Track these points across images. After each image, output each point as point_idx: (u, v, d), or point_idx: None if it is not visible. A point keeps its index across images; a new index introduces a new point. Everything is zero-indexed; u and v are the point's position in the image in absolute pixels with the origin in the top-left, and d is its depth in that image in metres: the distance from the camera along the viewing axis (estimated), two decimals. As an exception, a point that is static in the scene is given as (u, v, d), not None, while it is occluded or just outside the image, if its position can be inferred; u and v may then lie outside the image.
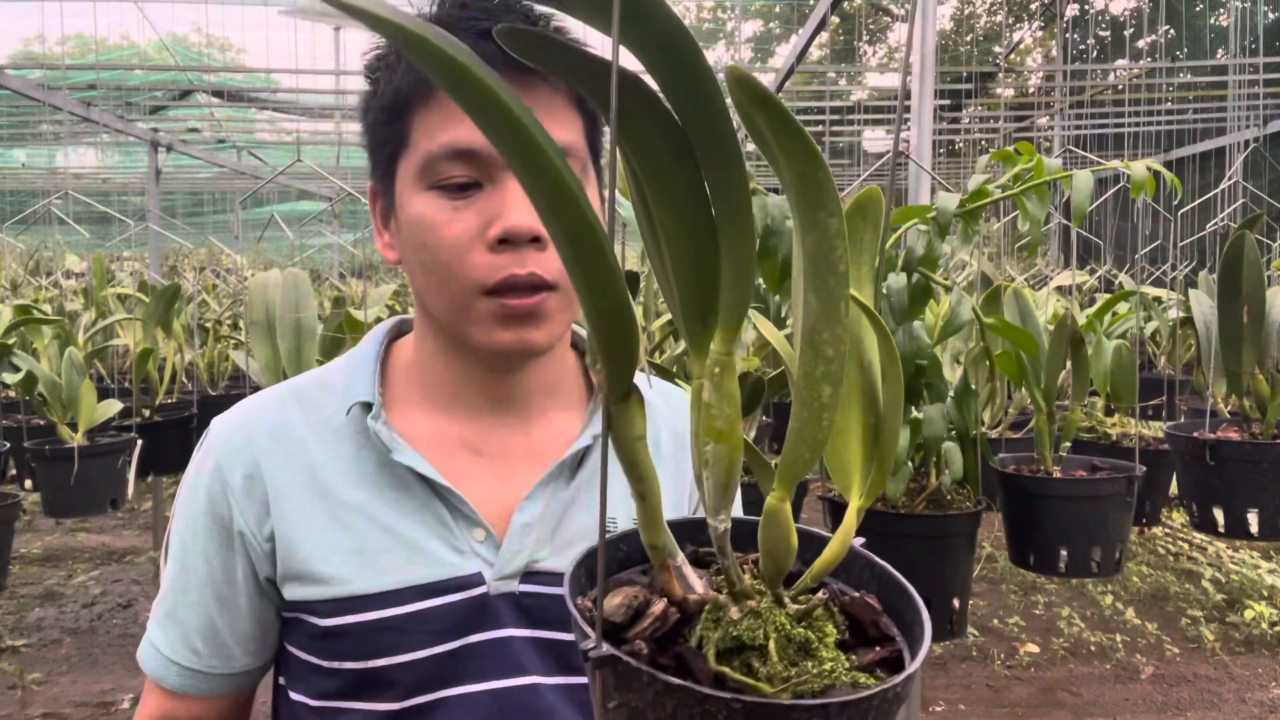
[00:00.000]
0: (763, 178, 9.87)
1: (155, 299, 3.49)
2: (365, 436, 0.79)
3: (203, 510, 0.80)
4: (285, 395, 0.84)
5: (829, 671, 0.42)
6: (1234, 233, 1.89)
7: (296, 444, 0.80)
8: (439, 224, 0.73)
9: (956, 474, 1.57)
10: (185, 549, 0.81)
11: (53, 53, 6.37)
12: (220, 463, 0.80)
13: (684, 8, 15.22)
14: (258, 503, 0.79)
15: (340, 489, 0.78)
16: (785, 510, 0.45)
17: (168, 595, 0.82)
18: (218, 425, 0.83)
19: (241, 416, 0.83)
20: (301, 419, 0.82)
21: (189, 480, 0.82)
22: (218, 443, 0.81)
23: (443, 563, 0.77)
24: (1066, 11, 10.27)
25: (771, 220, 1.42)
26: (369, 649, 0.76)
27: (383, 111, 0.76)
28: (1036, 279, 5.36)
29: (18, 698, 3.38)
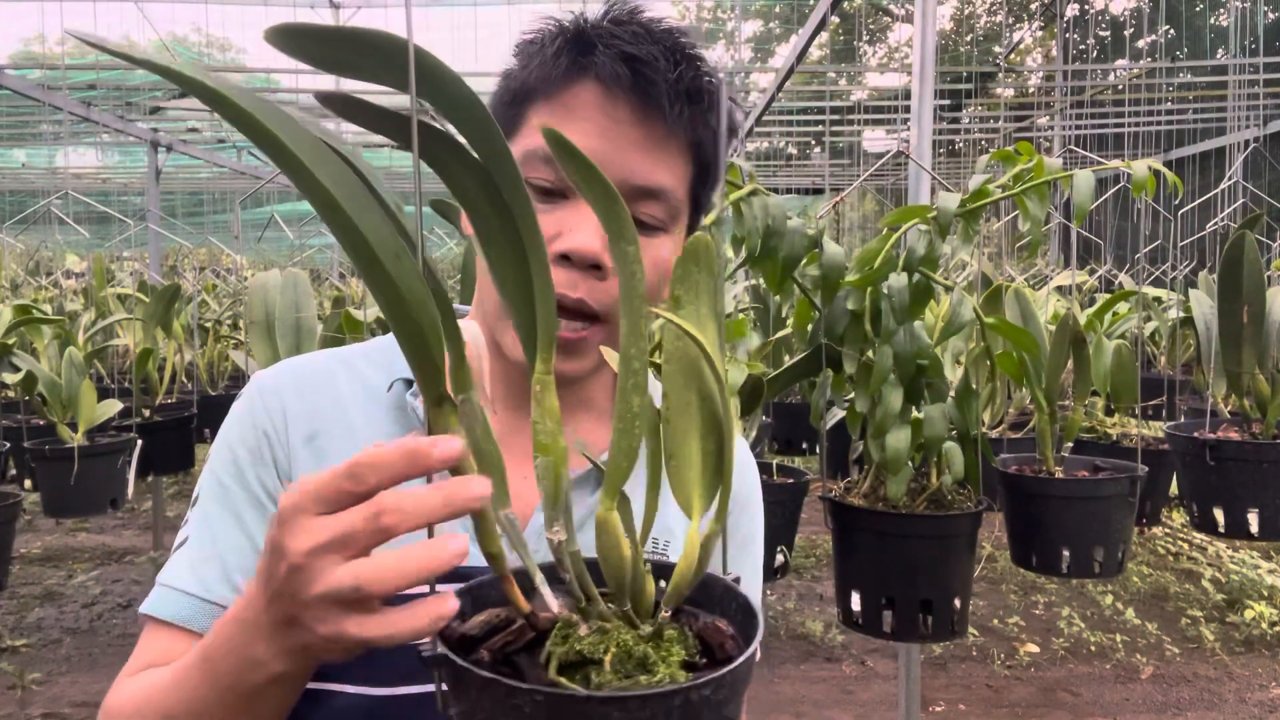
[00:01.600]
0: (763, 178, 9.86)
1: (155, 299, 3.49)
2: (404, 412, 0.80)
3: (244, 447, 0.78)
4: (332, 359, 0.85)
5: (658, 683, 0.43)
6: (1234, 233, 1.89)
7: (336, 408, 0.80)
8: None
9: (957, 474, 1.57)
10: (225, 488, 0.78)
11: (53, 53, 6.36)
12: (265, 407, 0.79)
13: (684, 7, 15.22)
14: (288, 454, 0.78)
15: None
16: (613, 520, 0.48)
17: (204, 538, 0.77)
18: (262, 378, 0.83)
19: (288, 372, 0.83)
20: (347, 381, 0.82)
21: (233, 422, 0.81)
22: (260, 391, 0.81)
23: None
24: (1066, 11, 10.27)
25: (772, 221, 1.42)
26: None
27: (508, 93, 0.77)
28: (1036, 279, 5.36)
29: (18, 698, 3.38)
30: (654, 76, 0.72)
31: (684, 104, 0.73)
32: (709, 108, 0.75)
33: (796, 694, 3.45)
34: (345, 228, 0.42)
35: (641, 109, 0.72)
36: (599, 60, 0.72)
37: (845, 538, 1.64)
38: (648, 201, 0.75)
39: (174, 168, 8.75)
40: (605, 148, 0.72)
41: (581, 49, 0.73)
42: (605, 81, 0.72)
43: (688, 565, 0.49)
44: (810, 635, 3.93)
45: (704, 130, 0.76)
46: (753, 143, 9.53)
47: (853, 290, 1.52)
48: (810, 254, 1.52)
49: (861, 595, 1.60)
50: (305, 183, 0.41)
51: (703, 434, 0.50)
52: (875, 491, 1.61)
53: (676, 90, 0.72)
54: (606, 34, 0.73)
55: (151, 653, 0.74)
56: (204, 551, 0.76)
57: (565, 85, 0.73)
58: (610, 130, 0.73)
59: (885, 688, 3.47)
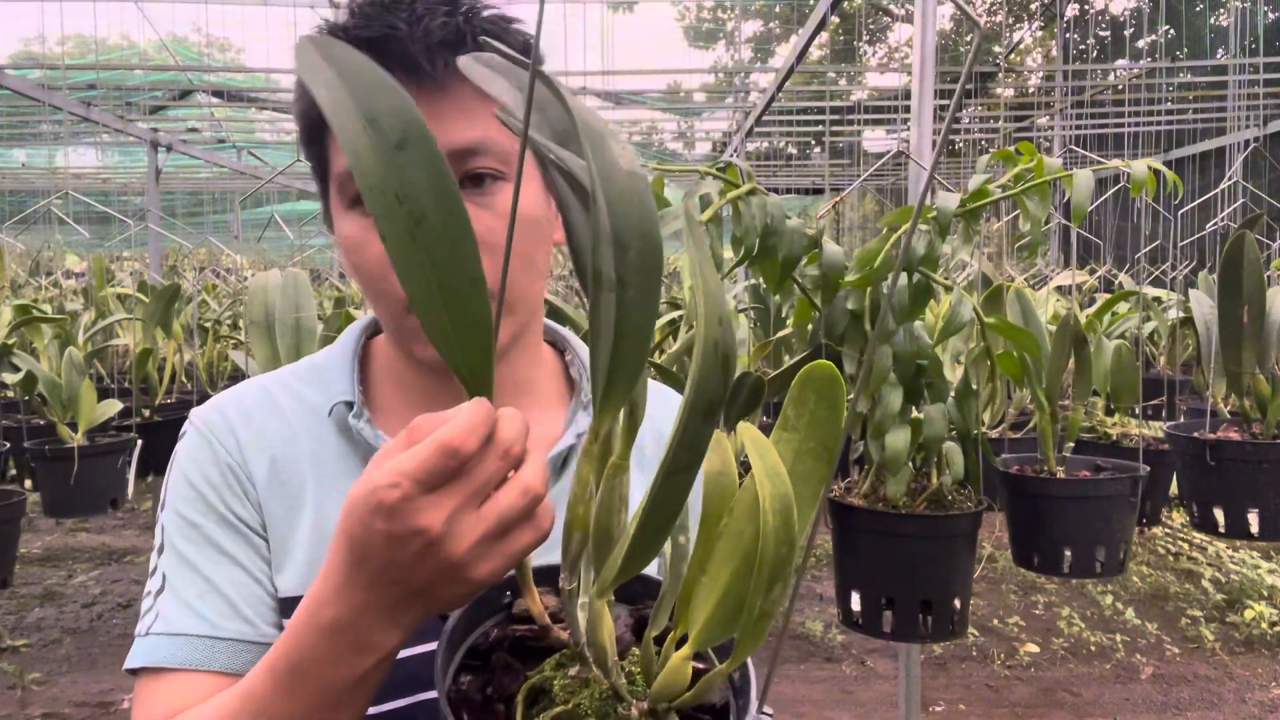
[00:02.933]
0: (763, 178, 9.86)
1: (155, 299, 3.48)
2: (350, 434, 0.79)
3: (207, 482, 0.77)
4: (269, 385, 0.84)
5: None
6: (1234, 233, 1.89)
7: (286, 432, 0.79)
8: (361, 244, 0.73)
9: (957, 474, 1.56)
10: (195, 525, 0.75)
11: (53, 53, 6.37)
12: (218, 438, 0.79)
13: (684, 7, 15.22)
14: (251, 484, 0.77)
15: (324, 483, 0.78)
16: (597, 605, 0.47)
17: (187, 577, 0.74)
18: (205, 412, 0.82)
19: (228, 401, 0.82)
20: (289, 405, 0.81)
21: (187, 458, 0.78)
22: (207, 424, 0.80)
23: None
24: (1066, 11, 10.27)
25: (771, 220, 1.42)
26: None
27: (302, 134, 0.77)
28: (1036, 279, 5.36)
29: (18, 698, 3.38)
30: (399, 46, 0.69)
31: (445, 55, 0.70)
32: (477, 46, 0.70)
33: (796, 694, 3.45)
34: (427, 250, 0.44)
35: (408, 80, 0.69)
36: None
37: (845, 537, 1.64)
38: (471, 158, 0.72)
39: (174, 168, 8.75)
40: None
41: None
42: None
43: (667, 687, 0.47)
44: (810, 635, 3.93)
45: None
46: (753, 143, 9.53)
47: (852, 290, 1.52)
48: (810, 254, 1.52)
49: (861, 595, 1.60)
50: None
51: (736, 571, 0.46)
52: (875, 491, 1.61)
53: (429, 46, 0.70)
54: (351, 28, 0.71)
55: (169, 703, 0.70)
56: (196, 590, 0.74)
57: None
58: None
59: (885, 688, 3.47)
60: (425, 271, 0.43)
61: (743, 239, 1.42)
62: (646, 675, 0.48)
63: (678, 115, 9.75)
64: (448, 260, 0.43)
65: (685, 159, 11.32)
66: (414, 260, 0.43)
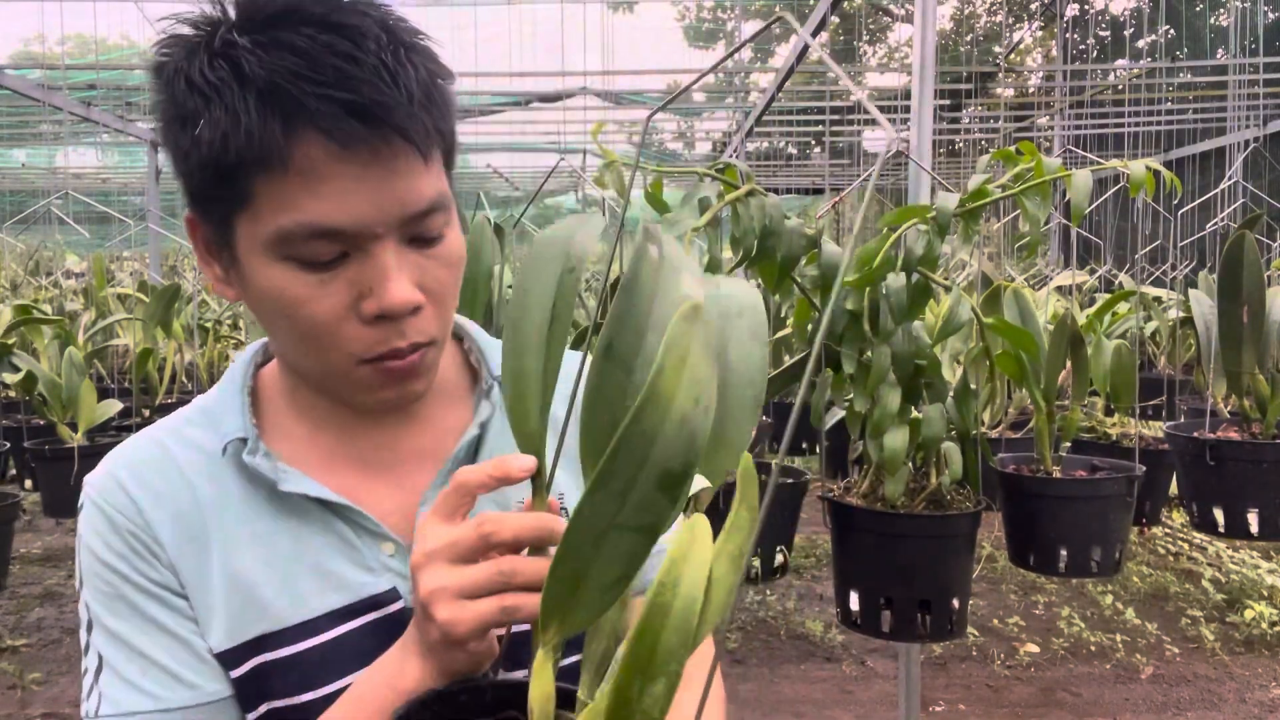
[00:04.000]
0: (763, 178, 9.86)
1: (155, 299, 3.48)
2: (249, 472, 0.75)
3: (117, 555, 0.74)
4: (158, 434, 0.79)
5: None
6: (1234, 233, 1.89)
7: (182, 485, 0.75)
8: (303, 299, 0.67)
9: (956, 474, 1.57)
10: (120, 599, 0.73)
11: (53, 53, 6.37)
12: (118, 508, 0.74)
13: (684, 7, 15.22)
14: (161, 548, 0.74)
15: (232, 528, 0.75)
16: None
17: (123, 656, 0.73)
18: (98, 480, 0.76)
19: (122, 464, 0.77)
20: (184, 456, 0.77)
21: (91, 534, 0.75)
22: (103, 494, 0.75)
23: (353, 584, 0.74)
24: (1066, 11, 10.27)
25: (769, 221, 1.42)
26: (293, 685, 0.73)
27: (209, 167, 0.65)
28: (1036, 279, 5.36)
29: (18, 698, 3.38)
30: (382, 108, 0.63)
31: (425, 110, 0.65)
32: (442, 98, 0.68)
33: (796, 694, 3.45)
34: None
35: (375, 136, 0.64)
36: (300, 98, 0.62)
37: (844, 537, 1.64)
38: (429, 217, 0.68)
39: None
40: (365, 200, 0.65)
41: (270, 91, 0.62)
42: (321, 124, 0.62)
43: None
44: (810, 635, 3.93)
45: (445, 123, 0.69)
46: (753, 143, 9.53)
47: (851, 290, 1.52)
48: (809, 254, 1.52)
49: (860, 595, 1.60)
50: None
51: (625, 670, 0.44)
52: (874, 491, 1.61)
53: (410, 106, 0.64)
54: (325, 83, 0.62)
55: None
56: (137, 666, 0.72)
57: (284, 146, 0.63)
58: (361, 179, 0.65)
59: (885, 688, 3.48)
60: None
61: (741, 240, 1.42)
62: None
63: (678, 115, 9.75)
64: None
65: (685, 159, 11.32)
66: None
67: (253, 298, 0.70)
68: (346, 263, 0.67)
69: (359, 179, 0.65)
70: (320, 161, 0.64)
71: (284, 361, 0.80)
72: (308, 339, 0.69)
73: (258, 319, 0.73)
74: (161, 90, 0.68)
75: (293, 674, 0.73)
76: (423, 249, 0.70)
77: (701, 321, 0.43)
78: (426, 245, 0.70)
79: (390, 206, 0.66)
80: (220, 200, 0.67)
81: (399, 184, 0.66)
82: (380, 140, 0.64)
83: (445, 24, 5.66)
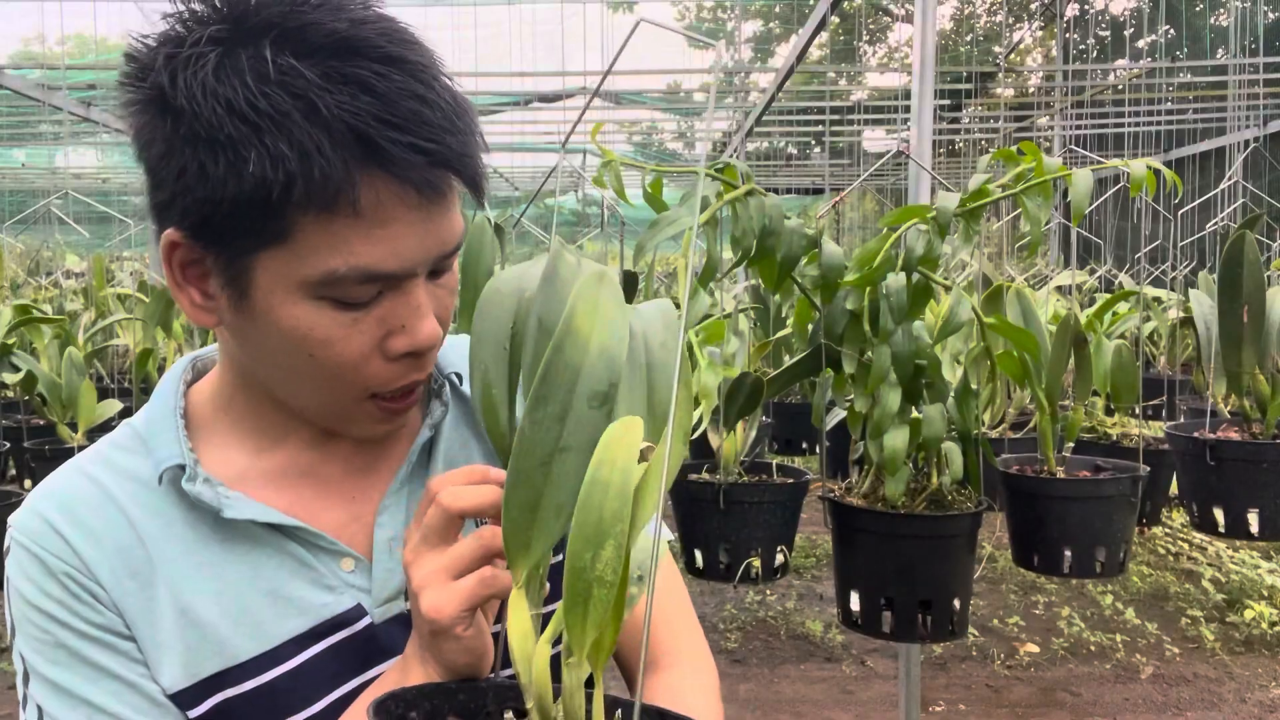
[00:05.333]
0: (762, 178, 9.86)
1: (155, 299, 3.48)
2: (184, 498, 0.70)
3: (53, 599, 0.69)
4: (88, 466, 0.74)
5: None
6: (1234, 233, 1.89)
7: (119, 519, 0.71)
8: (336, 339, 0.64)
9: (957, 474, 1.56)
10: (59, 647, 0.69)
11: (53, 53, 6.36)
12: (51, 550, 0.69)
13: (683, 8, 15.22)
14: (101, 588, 0.69)
15: (177, 560, 0.70)
16: None
17: (66, 703, 0.69)
18: (25, 519, 0.71)
19: (47, 501, 0.71)
20: (118, 488, 0.72)
21: (22, 579, 0.70)
22: (32, 536, 0.70)
23: (314, 605, 0.71)
24: (1066, 11, 10.26)
25: (769, 221, 1.42)
26: (261, 716, 0.70)
27: (251, 201, 0.59)
28: (1037, 279, 5.36)
29: (18, 698, 3.38)
30: (458, 157, 0.63)
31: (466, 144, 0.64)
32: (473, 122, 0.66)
33: (796, 694, 3.45)
34: None
35: (448, 188, 0.64)
36: (396, 156, 0.60)
37: (844, 538, 1.64)
38: (456, 252, 0.69)
39: (174, 168, 8.74)
40: (414, 245, 0.63)
41: (361, 146, 0.59)
42: (393, 168, 0.60)
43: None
44: (810, 635, 3.93)
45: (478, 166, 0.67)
46: (753, 143, 9.52)
47: (852, 290, 1.52)
48: (809, 254, 1.52)
49: (860, 595, 1.60)
50: None
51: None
52: (875, 491, 1.61)
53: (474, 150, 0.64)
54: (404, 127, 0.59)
55: None
56: (80, 714, 0.68)
57: (354, 195, 0.60)
58: (413, 224, 0.63)
59: (885, 688, 3.47)
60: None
61: (741, 240, 1.42)
62: None
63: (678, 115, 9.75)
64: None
65: (685, 159, 11.32)
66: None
67: (262, 333, 0.65)
68: (380, 300, 0.65)
69: (417, 224, 0.63)
70: (387, 207, 0.61)
71: (240, 377, 0.75)
72: (328, 377, 0.66)
73: (254, 352, 0.69)
74: (167, 100, 0.60)
75: (258, 707, 0.70)
76: (435, 279, 0.69)
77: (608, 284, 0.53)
78: (439, 275, 0.69)
79: (434, 248, 0.65)
80: (248, 234, 0.61)
81: (444, 224, 0.65)
82: (447, 186, 0.64)
83: (445, 23, 5.66)
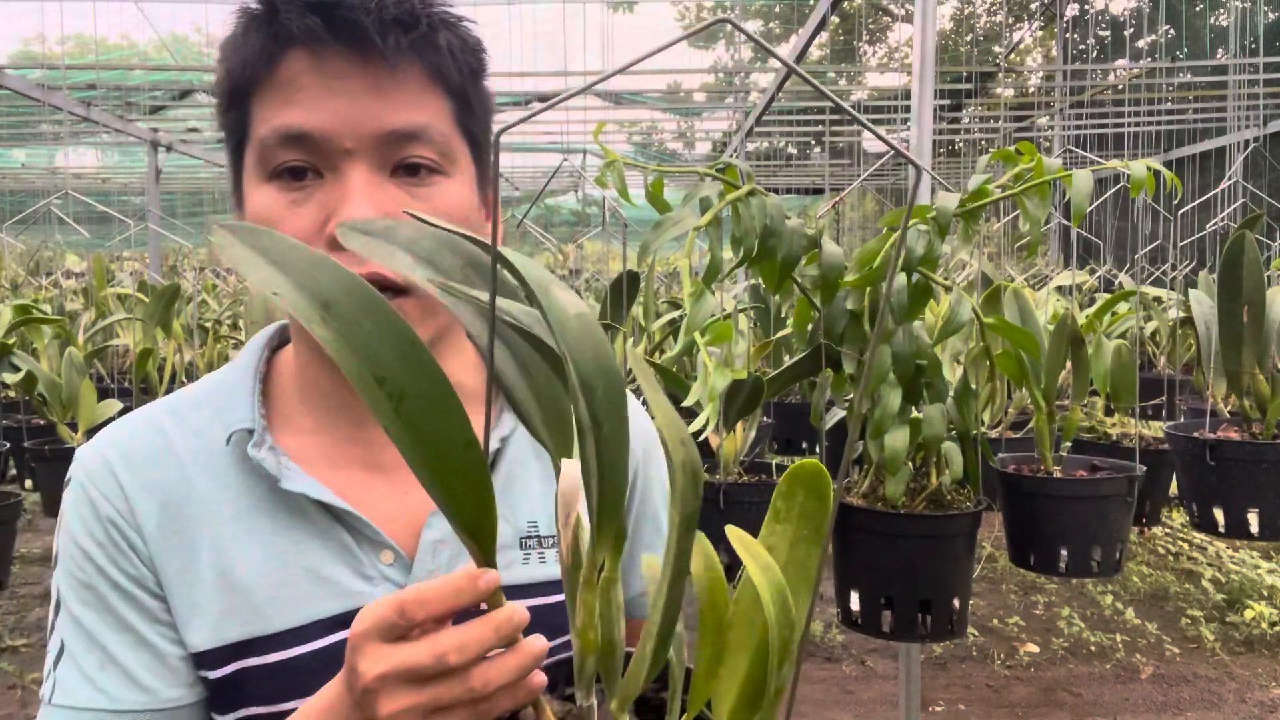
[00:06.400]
0: (762, 178, 9.86)
1: (155, 299, 3.48)
2: (248, 464, 0.72)
3: (94, 541, 0.71)
4: (161, 415, 0.76)
5: None
6: (1234, 233, 1.89)
7: (176, 472, 0.72)
8: (276, 219, 0.68)
9: (956, 474, 1.56)
10: (89, 587, 0.71)
11: (53, 53, 6.37)
12: (102, 492, 0.72)
13: (684, 8, 15.21)
14: (140, 536, 0.71)
15: (228, 522, 0.71)
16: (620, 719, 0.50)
17: (85, 646, 0.70)
18: (86, 456, 0.74)
19: (112, 443, 0.74)
20: (182, 442, 0.74)
21: (71, 516, 0.73)
22: (89, 472, 0.73)
23: (350, 592, 0.72)
24: (1066, 11, 10.26)
25: (770, 221, 1.42)
26: (279, 691, 0.70)
27: (224, 98, 0.71)
28: (1036, 279, 5.36)
29: (18, 698, 3.38)
30: (349, 15, 0.66)
31: (397, 33, 0.67)
32: (431, 31, 0.69)
33: (796, 694, 3.45)
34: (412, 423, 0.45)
35: (354, 53, 0.67)
36: (286, 23, 0.66)
37: (844, 537, 1.64)
38: (409, 144, 0.69)
39: (174, 168, 8.76)
40: (336, 109, 0.67)
41: (269, 20, 0.67)
42: (305, 41, 0.67)
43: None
44: (810, 635, 3.93)
45: (438, 57, 0.69)
46: (753, 143, 9.52)
47: (852, 290, 1.52)
48: (810, 254, 1.52)
49: (860, 595, 1.60)
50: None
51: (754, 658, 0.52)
52: (874, 491, 1.61)
53: (382, 21, 0.66)
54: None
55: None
56: (95, 659, 0.70)
57: (271, 65, 0.68)
58: (334, 90, 0.67)
59: (885, 688, 3.48)
60: (418, 443, 0.45)
61: (742, 240, 1.42)
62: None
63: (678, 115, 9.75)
64: (437, 431, 0.45)
65: (685, 159, 11.32)
66: (405, 436, 0.45)
67: None
68: (320, 184, 0.68)
69: (332, 90, 0.67)
70: (298, 73, 0.67)
71: (294, 334, 0.77)
72: None
73: None
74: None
75: (275, 681, 0.70)
76: (408, 184, 0.69)
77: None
78: (411, 178, 0.70)
79: (362, 120, 0.67)
80: (232, 134, 0.72)
81: (375, 102, 0.68)
82: (357, 55, 0.67)
83: (445, 24, 5.66)
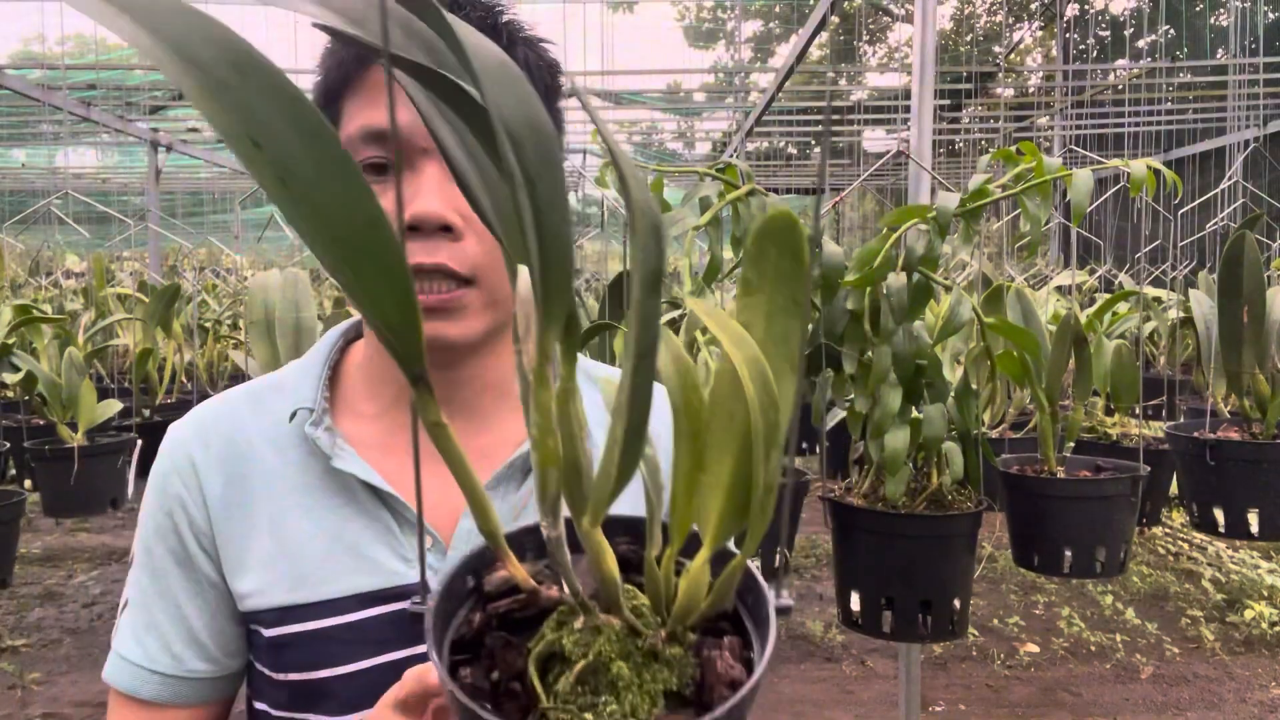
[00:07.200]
0: (762, 178, 9.86)
1: (155, 299, 3.48)
2: (310, 443, 0.78)
3: (162, 511, 0.79)
4: (240, 397, 0.84)
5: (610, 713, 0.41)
6: (1234, 233, 1.89)
7: (245, 448, 0.79)
8: None
9: (957, 474, 1.56)
10: (151, 553, 0.79)
11: (53, 53, 6.36)
12: (175, 467, 0.79)
13: (684, 7, 15.22)
14: (204, 508, 0.78)
15: (285, 495, 0.77)
16: (595, 535, 0.43)
17: (140, 605, 0.79)
18: (172, 431, 0.83)
19: (193, 422, 0.82)
20: (254, 421, 0.81)
21: (150, 485, 0.81)
22: (170, 449, 0.81)
23: (387, 571, 0.76)
24: (1066, 11, 10.27)
25: (772, 220, 1.42)
26: (312, 660, 0.75)
27: (320, 97, 0.76)
28: (1036, 279, 5.36)
29: (18, 698, 3.38)
30: None
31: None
32: (510, 46, 0.73)
33: (796, 694, 3.45)
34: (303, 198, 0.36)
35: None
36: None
37: (845, 538, 1.64)
38: None
39: (174, 168, 8.75)
40: (412, 113, 0.69)
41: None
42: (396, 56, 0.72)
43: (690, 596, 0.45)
44: (810, 635, 3.93)
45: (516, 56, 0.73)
46: (753, 143, 9.52)
47: (852, 290, 1.52)
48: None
49: (861, 595, 1.60)
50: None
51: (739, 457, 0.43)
52: (875, 491, 1.61)
53: None
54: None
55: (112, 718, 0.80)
56: (143, 619, 0.79)
57: (361, 70, 0.73)
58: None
59: (885, 688, 3.47)
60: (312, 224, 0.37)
61: (743, 240, 1.42)
62: (655, 601, 0.46)
63: (678, 115, 9.75)
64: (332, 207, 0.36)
65: (685, 159, 11.32)
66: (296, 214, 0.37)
67: None
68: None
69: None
70: (382, 77, 0.70)
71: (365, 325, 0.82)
72: None
73: None
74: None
75: (309, 649, 0.75)
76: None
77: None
78: None
79: None
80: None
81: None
82: None
83: (445, 24, 5.66)
